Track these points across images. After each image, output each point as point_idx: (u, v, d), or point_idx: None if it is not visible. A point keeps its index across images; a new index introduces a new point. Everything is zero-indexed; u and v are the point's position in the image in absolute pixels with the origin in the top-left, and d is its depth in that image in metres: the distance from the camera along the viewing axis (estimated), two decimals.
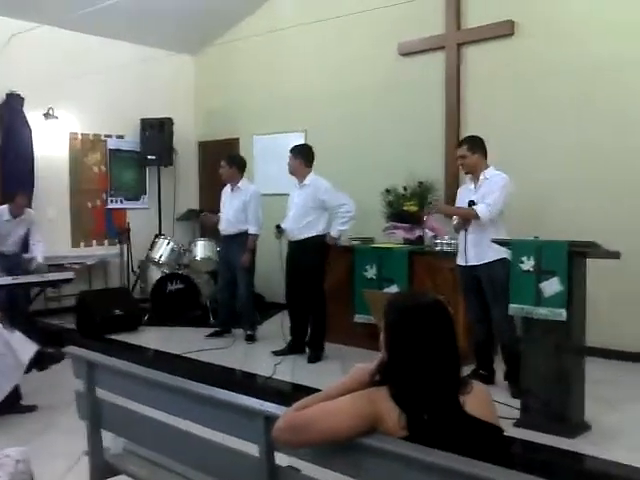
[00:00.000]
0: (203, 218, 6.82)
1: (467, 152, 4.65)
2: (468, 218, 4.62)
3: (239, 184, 6.35)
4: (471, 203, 4.57)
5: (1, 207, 6.52)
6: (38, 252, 6.64)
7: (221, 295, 6.62)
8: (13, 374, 4.37)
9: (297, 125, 7.72)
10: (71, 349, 2.76)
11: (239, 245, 6.24)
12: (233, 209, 6.29)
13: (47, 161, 7.64)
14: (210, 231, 6.94)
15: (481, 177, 4.65)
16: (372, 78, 7.03)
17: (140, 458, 2.67)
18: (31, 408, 4.52)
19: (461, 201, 4.78)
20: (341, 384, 1.85)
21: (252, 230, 6.24)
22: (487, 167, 4.66)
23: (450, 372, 1.77)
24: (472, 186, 4.73)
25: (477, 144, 4.68)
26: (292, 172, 5.72)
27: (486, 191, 4.58)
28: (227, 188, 6.48)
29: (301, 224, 5.59)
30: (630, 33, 5.36)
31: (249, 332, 6.38)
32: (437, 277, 5.43)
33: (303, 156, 5.68)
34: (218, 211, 6.58)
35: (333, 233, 5.61)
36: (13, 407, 4.42)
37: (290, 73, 7.91)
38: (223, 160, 6.42)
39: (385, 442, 1.65)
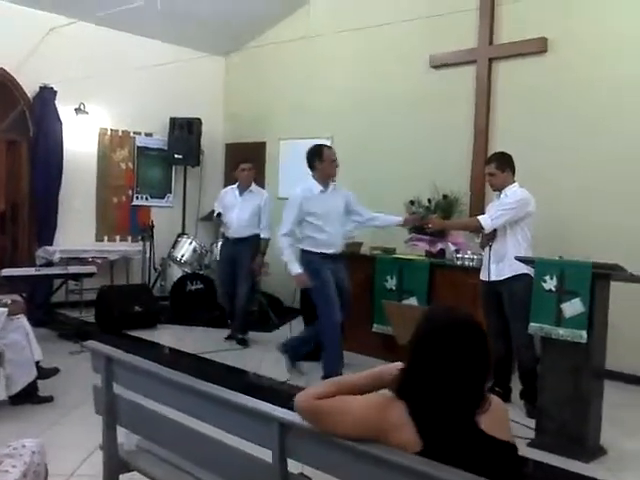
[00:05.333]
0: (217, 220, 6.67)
1: (496, 170, 4.60)
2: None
3: (251, 188, 6.37)
4: None
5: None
6: None
7: (224, 300, 6.59)
8: (32, 367, 4.45)
9: (324, 131, 7.72)
10: (91, 343, 2.77)
11: (248, 248, 6.21)
12: (248, 212, 6.25)
13: (76, 155, 7.74)
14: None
15: (502, 195, 4.62)
16: (402, 88, 7.02)
17: (153, 456, 2.67)
18: (48, 399, 4.55)
19: None
20: (366, 375, 1.87)
21: (266, 234, 6.22)
22: (512, 183, 4.62)
23: (473, 391, 1.73)
24: (497, 202, 4.70)
25: (506, 162, 4.62)
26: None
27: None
28: (234, 191, 6.41)
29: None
30: None
31: (240, 336, 6.31)
32: (458, 291, 5.38)
33: None
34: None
35: None
36: (30, 398, 4.47)
37: (319, 79, 7.94)
38: (248, 163, 6.42)
39: (399, 456, 1.64)
